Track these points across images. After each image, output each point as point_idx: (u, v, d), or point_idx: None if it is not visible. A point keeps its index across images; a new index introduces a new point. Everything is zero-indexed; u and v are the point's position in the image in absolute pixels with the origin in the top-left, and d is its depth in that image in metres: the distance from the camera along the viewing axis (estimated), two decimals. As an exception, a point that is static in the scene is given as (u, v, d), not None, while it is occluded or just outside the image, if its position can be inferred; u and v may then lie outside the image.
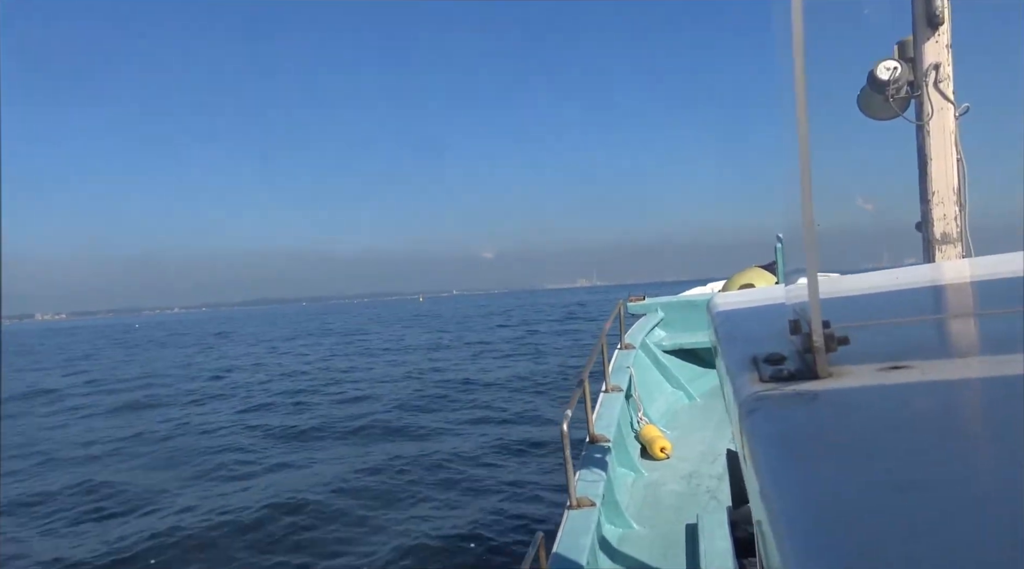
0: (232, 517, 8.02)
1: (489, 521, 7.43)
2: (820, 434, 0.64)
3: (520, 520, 7.36)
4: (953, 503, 0.47)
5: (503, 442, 10.85)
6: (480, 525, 7.33)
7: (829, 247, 1.59)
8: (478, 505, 7.97)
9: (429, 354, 27.00)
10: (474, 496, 8.34)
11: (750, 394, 0.77)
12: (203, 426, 14.42)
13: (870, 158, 4.13)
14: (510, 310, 67.90)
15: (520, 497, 8.17)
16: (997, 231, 5.52)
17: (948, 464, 0.53)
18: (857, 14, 3.22)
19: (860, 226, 3.12)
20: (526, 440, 10.80)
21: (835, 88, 4.38)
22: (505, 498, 8.16)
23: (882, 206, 3.50)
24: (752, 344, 1.02)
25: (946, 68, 4.25)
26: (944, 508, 0.46)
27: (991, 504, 0.46)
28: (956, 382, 0.75)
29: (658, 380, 6.50)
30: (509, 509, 7.76)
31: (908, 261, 4.45)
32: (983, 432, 0.61)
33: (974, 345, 0.98)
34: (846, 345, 0.78)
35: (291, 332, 53.25)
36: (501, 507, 7.83)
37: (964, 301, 1.41)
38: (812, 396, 0.72)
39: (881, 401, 0.70)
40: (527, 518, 7.38)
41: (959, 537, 0.43)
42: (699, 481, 4.50)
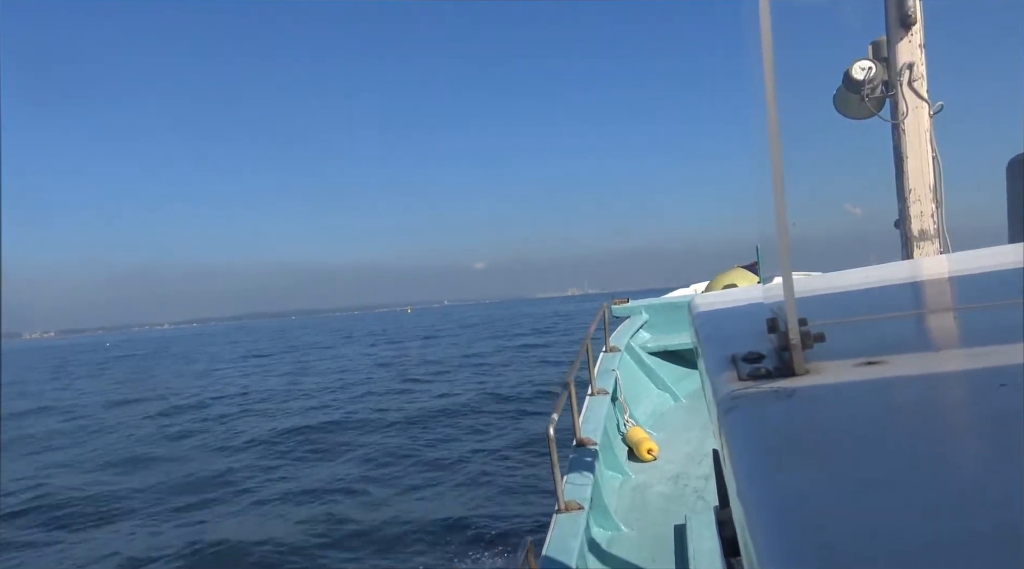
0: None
1: (477, 527, 7.41)
2: (796, 432, 0.64)
3: (508, 525, 7.35)
4: (928, 501, 0.47)
5: (489, 448, 10.84)
6: (468, 531, 7.31)
7: (811, 247, 1.59)
8: (466, 511, 7.95)
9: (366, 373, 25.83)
10: (461, 502, 8.32)
11: (728, 393, 0.77)
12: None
13: (848, 157, 4.18)
14: (493, 321, 67.22)
15: (508, 502, 8.16)
16: (974, 227, 5.60)
17: (923, 461, 0.53)
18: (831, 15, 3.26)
19: (843, 226, 3.15)
20: (511, 445, 10.81)
21: (811, 88, 4.43)
22: (493, 503, 8.14)
23: (862, 206, 3.53)
24: (731, 344, 1.03)
25: (920, 67, 4.32)
26: (918, 506, 0.46)
27: (967, 502, 0.47)
28: (931, 376, 0.75)
29: (643, 382, 6.51)
30: (497, 514, 7.74)
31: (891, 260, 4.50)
32: (958, 428, 0.62)
33: (950, 339, 0.99)
34: (822, 342, 0.79)
35: (249, 350, 51.11)
36: (489, 512, 7.82)
37: (940, 296, 1.43)
38: (789, 393, 0.73)
39: (857, 397, 0.71)
40: (515, 523, 7.37)
41: (934, 536, 0.43)
42: (686, 482, 4.52)
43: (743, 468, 0.57)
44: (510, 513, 7.79)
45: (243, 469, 11.47)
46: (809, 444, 0.60)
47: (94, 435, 16.59)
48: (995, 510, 0.44)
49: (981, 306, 1.09)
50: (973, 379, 0.72)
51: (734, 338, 1.08)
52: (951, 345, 0.95)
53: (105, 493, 10.63)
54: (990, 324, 0.97)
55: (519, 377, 19.28)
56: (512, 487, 8.75)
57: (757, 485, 0.53)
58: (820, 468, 0.54)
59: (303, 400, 19.32)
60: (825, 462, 0.55)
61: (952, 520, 0.44)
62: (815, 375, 0.77)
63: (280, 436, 13.91)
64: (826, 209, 2.60)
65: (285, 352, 43.58)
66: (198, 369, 35.68)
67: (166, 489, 10.58)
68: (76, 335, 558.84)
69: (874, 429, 0.61)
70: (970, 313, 1.08)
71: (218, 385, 26.01)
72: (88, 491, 10.80)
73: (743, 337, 1.07)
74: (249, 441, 13.78)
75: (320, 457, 11.86)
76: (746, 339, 1.04)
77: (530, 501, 8.01)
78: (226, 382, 26.92)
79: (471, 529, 7.41)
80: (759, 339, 1.01)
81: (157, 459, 12.96)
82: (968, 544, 0.41)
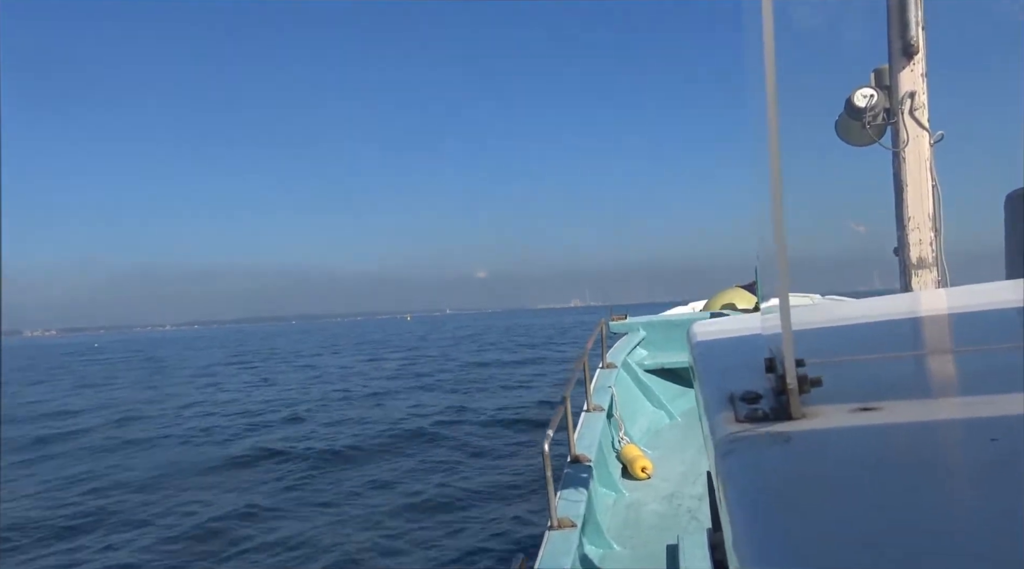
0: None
1: (470, 542, 7.38)
2: (792, 479, 0.65)
3: (501, 541, 7.32)
4: (919, 556, 0.48)
5: (483, 466, 10.80)
6: (461, 547, 7.28)
7: (811, 267, 1.59)
8: (458, 526, 7.92)
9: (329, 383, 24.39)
10: (453, 517, 8.29)
11: (726, 435, 0.79)
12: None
13: (848, 183, 4.21)
14: (482, 333, 66.14)
15: (501, 518, 8.13)
16: (972, 256, 5.64)
17: (915, 514, 0.55)
18: (835, 42, 3.29)
19: (844, 250, 3.16)
20: (507, 462, 10.77)
21: (814, 114, 4.46)
22: (486, 519, 8.12)
23: (865, 229, 3.55)
24: (729, 378, 1.04)
25: (921, 97, 4.36)
26: (911, 561, 0.48)
27: (958, 558, 0.48)
28: (924, 426, 0.77)
29: (639, 399, 6.51)
30: (490, 530, 7.71)
31: (880, 285, 4.51)
32: (949, 482, 0.63)
33: (944, 386, 1.01)
34: (819, 386, 0.80)
35: (228, 357, 49.10)
36: (482, 528, 7.79)
37: (937, 336, 1.45)
38: (785, 438, 0.74)
39: (851, 445, 0.72)
40: (508, 539, 7.35)
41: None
42: (680, 501, 4.51)
43: (739, 517, 0.59)
44: (501, 529, 7.77)
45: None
46: (804, 493, 0.62)
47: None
48: (984, 566, 0.46)
49: (977, 349, 1.11)
50: (965, 431, 0.73)
51: (732, 372, 1.10)
52: (945, 392, 0.96)
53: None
54: (985, 369, 0.99)
55: (493, 403, 17.38)
56: (505, 500, 8.72)
57: (755, 539, 0.54)
58: (814, 519, 0.55)
59: (215, 422, 17.00)
60: (819, 513, 0.56)
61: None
62: (811, 419, 0.79)
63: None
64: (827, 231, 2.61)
65: (263, 361, 42.41)
66: (156, 377, 33.69)
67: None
68: (77, 333, 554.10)
69: (867, 481, 0.62)
70: (966, 356, 1.09)
71: (151, 395, 24.40)
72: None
73: (741, 372, 1.08)
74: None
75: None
76: (744, 374, 1.05)
77: (522, 517, 7.99)
78: (167, 392, 25.32)
79: (461, 543, 7.38)
80: (757, 375, 1.03)
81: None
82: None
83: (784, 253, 0.77)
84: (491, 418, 14.67)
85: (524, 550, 3.01)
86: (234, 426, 16.21)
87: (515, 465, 10.42)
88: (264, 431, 15.21)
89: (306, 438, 13.99)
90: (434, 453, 11.68)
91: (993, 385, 0.89)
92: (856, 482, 0.63)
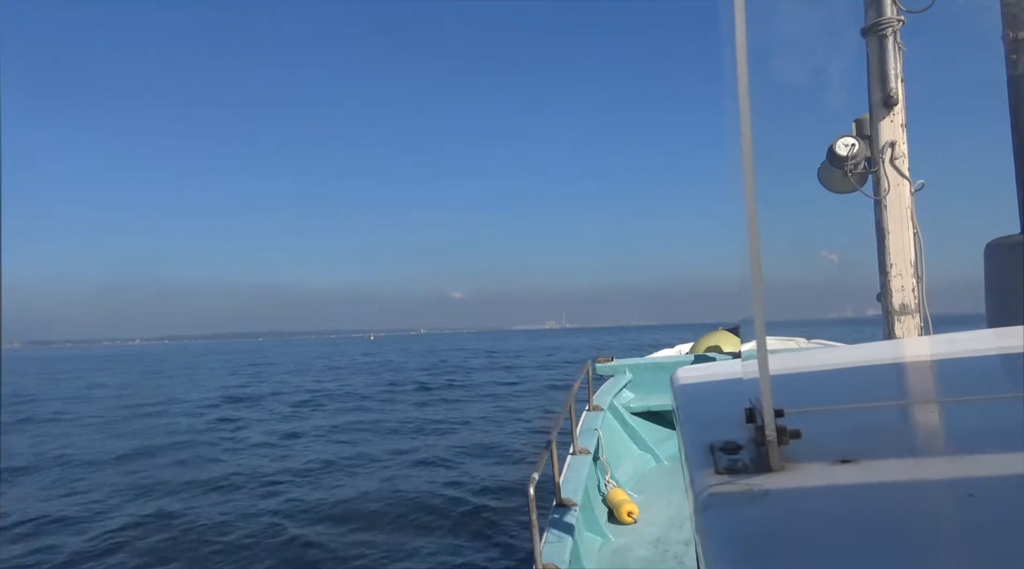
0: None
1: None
2: (772, 535, 0.66)
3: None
4: None
5: (468, 501, 10.65)
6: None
7: (783, 299, 1.61)
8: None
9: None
10: (438, 560, 8.13)
11: (705, 488, 0.79)
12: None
13: (830, 231, 4.28)
14: (436, 350, 63.72)
15: (485, 561, 7.99)
16: (953, 302, 5.72)
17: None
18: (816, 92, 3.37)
19: (817, 276, 3.19)
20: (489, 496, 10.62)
21: (795, 162, 4.55)
22: (470, 562, 7.97)
23: (838, 258, 3.59)
24: (711, 428, 1.05)
25: (901, 146, 4.46)
26: None
27: None
28: (902, 483, 0.77)
29: (626, 442, 6.47)
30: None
31: (871, 312, 4.55)
32: (926, 539, 0.64)
33: (927, 437, 1.01)
34: (798, 439, 0.81)
35: (155, 370, 48.52)
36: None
37: (917, 387, 1.46)
38: (764, 494, 0.75)
39: (830, 501, 0.73)
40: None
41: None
42: (667, 547, 4.46)
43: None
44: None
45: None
46: (781, 551, 0.62)
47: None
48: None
49: (959, 400, 1.12)
50: (944, 487, 0.74)
51: (713, 421, 1.11)
52: (925, 444, 0.97)
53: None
54: (966, 421, 1.00)
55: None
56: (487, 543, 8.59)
57: None
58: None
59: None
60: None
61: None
62: (790, 473, 0.79)
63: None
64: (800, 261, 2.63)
65: (183, 377, 41.46)
66: (45, 391, 33.48)
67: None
68: (44, 347, 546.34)
69: (845, 538, 0.63)
70: (948, 407, 1.11)
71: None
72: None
73: (722, 421, 1.09)
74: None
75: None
76: (725, 423, 1.06)
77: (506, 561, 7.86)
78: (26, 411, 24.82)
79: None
80: (738, 424, 1.04)
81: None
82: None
83: (761, 308, 0.79)
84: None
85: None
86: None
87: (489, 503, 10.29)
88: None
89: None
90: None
91: (974, 438, 0.90)
92: (834, 540, 0.63)
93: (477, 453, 13.51)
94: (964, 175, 35.63)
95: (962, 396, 1.14)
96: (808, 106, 4.17)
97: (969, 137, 17.11)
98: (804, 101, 3.97)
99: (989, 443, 0.84)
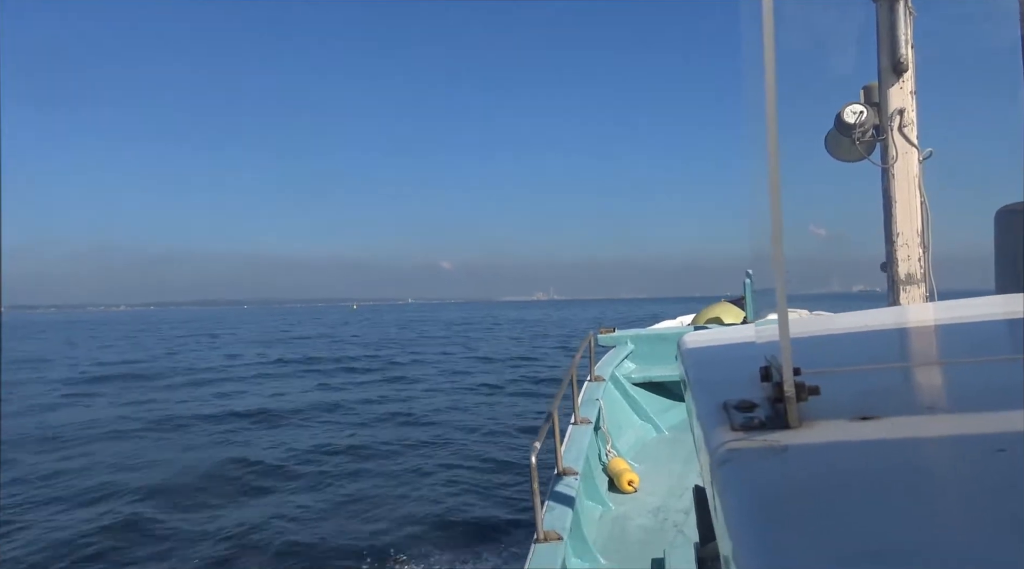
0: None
1: (456, 554, 7.31)
2: (791, 490, 0.63)
3: (487, 552, 7.25)
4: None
5: (471, 474, 10.74)
6: (446, 558, 7.21)
7: (797, 284, 1.59)
8: (443, 536, 7.86)
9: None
10: (440, 527, 8.22)
11: (721, 444, 0.76)
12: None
13: (837, 198, 4.23)
14: (413, 322, 62.02)
15: (487, 530, 8.07)
16: (960, 273, 5.68)
17: (919, 530, 0.53)
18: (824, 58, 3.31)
19: (814, 254, 3.17)
20: (494, 467, 10.71)
21: (802, 129, 4.49)
22: (471, 530, 8.05)
23: (825, 233, 3.56)
24: (722, 388, 1.02)
25: (910, 114, 4.39)
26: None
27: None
28: (926, 438, 0.75)
29: (627, 413, 6.49)
30: (476, 541, 7.65)
31: (856, 287, 4.52)
32: (955, 494, 0.61)
33: (947, 396, 0.99)
34: (817, 395, 0.78)
35: (111, 340, 48.54)
36: (467, 540, 7.73)
37: (933, 348, 1.43)
38: (783, 449, 0.72)
39: (851, 455, 0.70)
40: (494, 551, 7.28)
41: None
42: (666, 515, 4.48)
43: (738, 528, 0.56)
44: (487, 540, 7.71)
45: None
46: (804, 505, 0.59)
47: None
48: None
49: (975, 360, 1.09)
50: (970, 442, 0.71)
51: (725, 383, 1.08)
52: (946, 403, 0.94)
53: None
54: (985, 381, 0.97)
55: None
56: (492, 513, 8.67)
57: (758, 554, 0.52)
58: (817, 531, 0.53)
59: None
60: (828, 529, 0.54)
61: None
62: (809, 429, 0.76)
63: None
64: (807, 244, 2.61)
65: (144, 345, 41.84)
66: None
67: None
68: (27, 311, 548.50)
69: (871, 492, 0.60)
70: (966, 368, 1.08)
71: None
72: None
73: (734, 382, 1.06)
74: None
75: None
76: (737, 384, 1.03)
77: (509, 530, 7.94)
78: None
79: (446, 555, 7.31)
80: (750, 385, 1.01)
81: None
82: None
83: (781, 261, 0.76)
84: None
85: (509, 562, 2.98)
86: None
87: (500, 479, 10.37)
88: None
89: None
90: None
91: (996, 397, 0.87)
92: (859, 493, 0.60)
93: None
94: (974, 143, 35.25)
95: (983, 356, 1.11)
96: (815, 73, 4.09)
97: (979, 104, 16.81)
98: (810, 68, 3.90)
99: (1016, 401, 0.81)
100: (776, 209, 0.75)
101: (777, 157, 0.75)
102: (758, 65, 0.75)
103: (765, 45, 0.73)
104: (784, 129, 0.79)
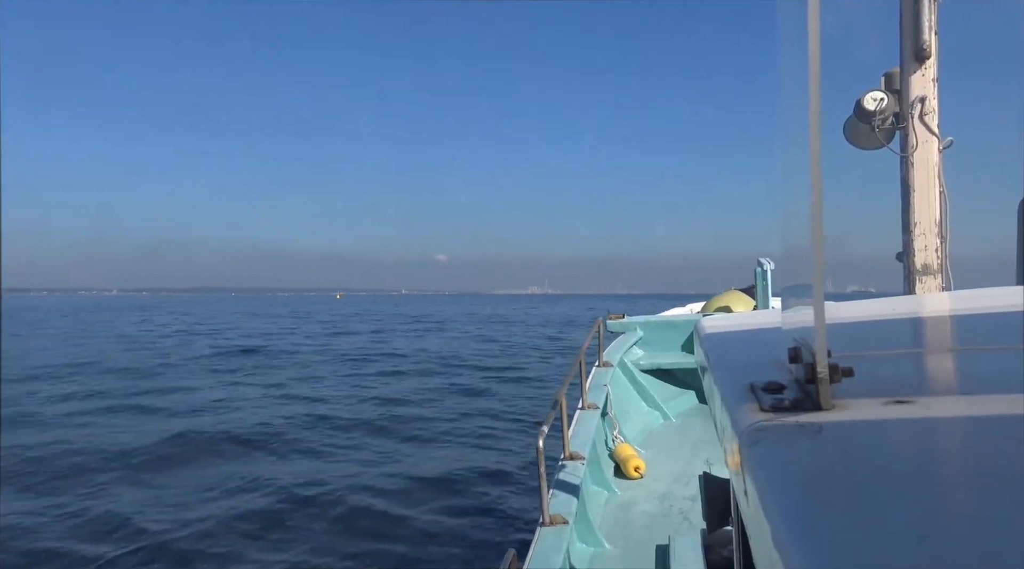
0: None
1: (460, 537, 7.34)
2: (828, 472, 0.61)
3: (492, 536, 7.28)
4: (975, 556, 0.44)
5: (475, 458, 10.77)
6: (450, 541, 7.24)
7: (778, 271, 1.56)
8: (447, 519, 7.89)
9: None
10: (444, 511, 8.25)
11: (751, 424, 0.73)
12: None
13: (854, 186, 4.17)
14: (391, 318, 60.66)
15: (492, 513, 8.10)
16: (977, 263, 5.62)
17: (963, 515, 0.50)
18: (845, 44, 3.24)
19: (843, 252, 3.13)
20: (499, 456, 10.74)
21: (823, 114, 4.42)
22: (477, 514, 8.08)
23: (865, 236, 3.52)
24: (745, 371, 0.99)
25: (932, 102, 4.31)
26: (966, 562, 0.44)
27: (1008, 560, 0.44)
28: (965, 420, 0.72)
29: (634, 399, 6.49)
30: (480, 525, 7.68)
31: (850, 288, 4.49)
32: (998, 479, 0.59)
33: (983, 381, 0.96)
34: (850, 377, 0.75)
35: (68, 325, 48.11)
36: (472, 523, 7.75)
37: (964, 334, 1.40)
38: (817, 429, 0.69)
39: (888, 438, 0.68)
40: (499, 534, 7.31)
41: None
42: (672, 502, 4.48)
43: (776, 508, 0.54)
44: (492, 524, 7.73)
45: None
46: (847, 488, 0.57)
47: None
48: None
49: (1010, 347, 1.06)
50: (1012, 425, 0.68)
51: (748, 366, 1.05)
52: (984, 387, 0.91)
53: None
54: (1014, 367, 0.94)
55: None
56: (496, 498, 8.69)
57: (800, 533, 0.49)
58: (866, 516, 0.51)
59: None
60: (870, 510, 0.52)
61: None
62: (841, 411, 0.74)
63: None
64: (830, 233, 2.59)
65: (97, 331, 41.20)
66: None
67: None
68: (21, 294, 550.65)
69: (909, 475, 0.58)
70: (998, 354, 1.04)
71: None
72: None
73: (758, 365, 1.03)
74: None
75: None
76: (761, 367, 1.00)
77: (515, 514, 7.96)
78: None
79: (450, 538, 7.34)
80: (775, 368, 0.98)
81: None
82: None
83: (820, 237, 0.72)
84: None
85: (515, 545, 2.97)
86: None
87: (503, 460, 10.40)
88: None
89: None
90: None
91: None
92: (900, 475, 0.58)
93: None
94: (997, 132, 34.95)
95: (1013, 343, 1.07)
96: (837, 59, 4.03)
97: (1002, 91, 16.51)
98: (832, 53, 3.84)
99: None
100: (817, 185, 0.72)
101: (819, 141, 0.74)
102: (791, 54, 0.72)
103: (811, 43, 0.71)
104: (803, 117, 0.77)
